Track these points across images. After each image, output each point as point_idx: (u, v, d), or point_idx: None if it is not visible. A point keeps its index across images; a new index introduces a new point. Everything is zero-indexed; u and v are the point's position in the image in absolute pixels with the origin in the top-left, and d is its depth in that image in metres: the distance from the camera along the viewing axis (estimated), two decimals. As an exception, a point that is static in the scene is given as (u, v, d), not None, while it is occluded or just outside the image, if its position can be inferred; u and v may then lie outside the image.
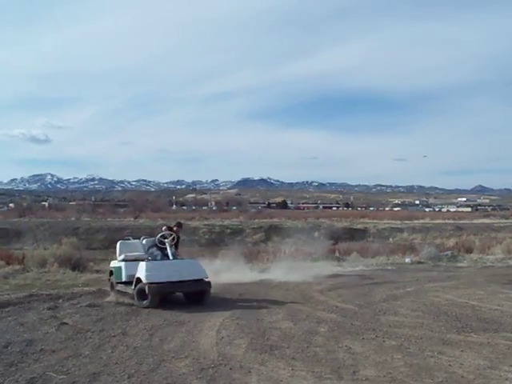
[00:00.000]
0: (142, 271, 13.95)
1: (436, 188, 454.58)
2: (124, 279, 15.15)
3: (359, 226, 55.05)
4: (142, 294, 13.83)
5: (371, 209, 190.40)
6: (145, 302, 13.76)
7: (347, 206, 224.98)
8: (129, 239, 16.94)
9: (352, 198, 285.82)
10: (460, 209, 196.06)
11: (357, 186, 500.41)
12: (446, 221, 72.39)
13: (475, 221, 74.81)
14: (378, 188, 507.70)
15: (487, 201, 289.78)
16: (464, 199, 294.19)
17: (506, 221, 74.85)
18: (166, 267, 14.29)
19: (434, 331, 11.19)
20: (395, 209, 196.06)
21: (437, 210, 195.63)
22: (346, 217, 79.19)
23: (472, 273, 22.61)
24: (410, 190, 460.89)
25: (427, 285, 18.42)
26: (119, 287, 15.22)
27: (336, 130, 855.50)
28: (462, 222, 70.30)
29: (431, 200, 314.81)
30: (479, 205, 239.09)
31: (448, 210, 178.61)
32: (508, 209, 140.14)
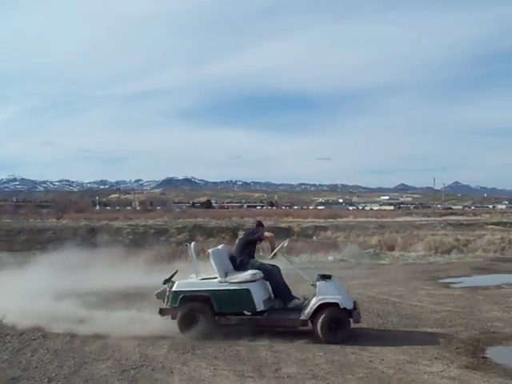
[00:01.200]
0: (334, 294, 10.62)
1: (359, 186, 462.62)
2: (260, 308, 10.85)
3: (283, 225, 55.29)
4: (331, 324, 10.48)
5: (295, 207, 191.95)
6: (341, 334, 10.44)
7: (271, 204, 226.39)
8: (187, 245, 12.44)
9: (276, 196, 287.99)
10: (383, 207, 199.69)
11: (281, 184, 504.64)
12: (369, 219, 73.43)
13: (398, 219, 76.15)
14: (303, 187, 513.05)
15: (410, 199, 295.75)
16: (387, 197, 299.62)
17: (428, 218, 76.54)
18: (340, 287, 11.23)
19: (355, 328, 11.36)
20: (319, 207, 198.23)
21: (360, 208, 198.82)
22: (270, 216, 79.39)
23: (394, 270, 23.05)
24: (333, 188, 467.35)
25: (349, 282, 18.64)
26: (237, 319, 10.97)
27: (261, 129, 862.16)
28: (384, 220, 71.47)
29: (355, 198, 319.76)
30: (402, 203, 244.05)
31: (371, 209, 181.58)
32: (430, 207, 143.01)
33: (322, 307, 10.50)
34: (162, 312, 11.18)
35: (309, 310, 10.56)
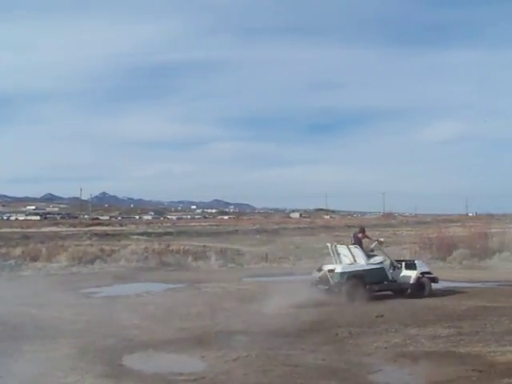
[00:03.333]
0: (425, 267, 18.92)
1: (5, 196, 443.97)
2: (390, 278, 17.74)
3: None
4: (424, 286, 18.00)
5: None
6: (428, 291, 17.92)
7: None
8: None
9: None
10: (29, 217, 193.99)
11: None
12: (14, 229, 70.93)
13: (43, 229, 74.63)
14: None
15: (56, 209, 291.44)
16: (33, 207, 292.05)
17: (74, 229, 76.01)
18: (426, 264, 20.13)
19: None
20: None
21: (5, 218, 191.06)
22: None
23: (35, 281, 22.40)
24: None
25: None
26: (379, 286, 17.56)
27: None
28: (30, 230, 69.55)
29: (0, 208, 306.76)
30: (48, 213, 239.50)
31: (16, 219, 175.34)
32: (77, 217, 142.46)
33: (421, 275, 17.80)
34: (330, 288, 16.91)
35: (415, 277, 17.65)
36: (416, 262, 18.63)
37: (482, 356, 10.02)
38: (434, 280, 18.15)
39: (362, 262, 17.31)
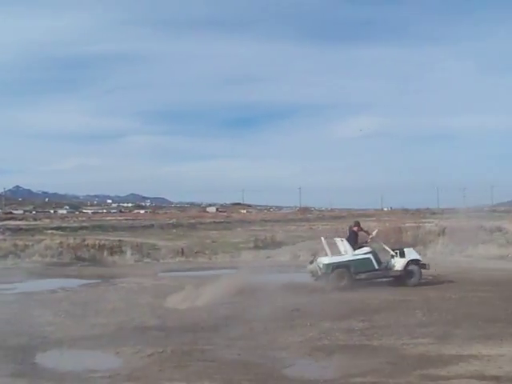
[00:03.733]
0: (415, 255, 19.58)
1: None
2: (377, 267, 18.72)
3: None
4: (412, 273, 18.97)
5: None
6: (417, 279, 18.95)
7: None
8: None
9: None
10: None
11: None
12: None
13: None
14: None
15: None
16: None
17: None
18: (415, 252, 20.25)
19: None
20: None
21: None
22: None
23: None
24: None
25: None
26: (366, 275, 18.56)
27: None
28: None
29: None
30: None
31: None
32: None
33: (409, 263, 18.80)
34: (318, 278, 18.56)
35: (403, 264, 18.69)
36: (405, 249, 19.57)
37: (395, 349, 10.30)
38: (424, 267, 19.24)
39: (349, 253, 18.64)
